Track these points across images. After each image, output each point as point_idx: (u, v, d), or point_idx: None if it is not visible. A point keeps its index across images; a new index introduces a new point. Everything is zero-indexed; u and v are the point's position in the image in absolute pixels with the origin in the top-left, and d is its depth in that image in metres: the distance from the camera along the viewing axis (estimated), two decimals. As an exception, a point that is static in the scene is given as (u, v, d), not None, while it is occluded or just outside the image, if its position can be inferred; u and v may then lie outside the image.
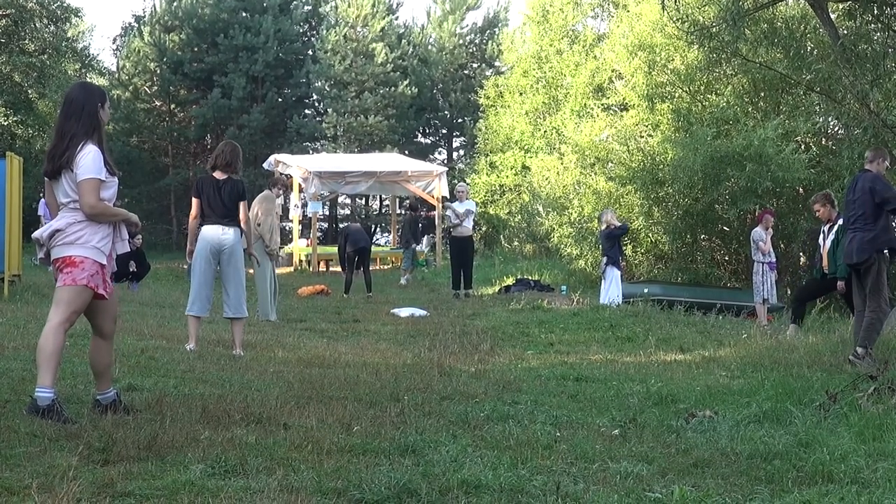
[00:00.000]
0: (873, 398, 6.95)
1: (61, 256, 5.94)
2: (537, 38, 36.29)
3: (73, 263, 5.90)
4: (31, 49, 40.15)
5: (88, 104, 6.10)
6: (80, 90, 6.26)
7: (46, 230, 6.01)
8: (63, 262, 5.93)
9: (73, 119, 6.02)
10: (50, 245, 6.00)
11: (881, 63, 18.63)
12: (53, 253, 5.99)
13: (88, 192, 5.89)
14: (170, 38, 44.33)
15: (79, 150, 5.92)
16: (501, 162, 36.26)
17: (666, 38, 24.96)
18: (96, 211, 5.94)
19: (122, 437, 5.28)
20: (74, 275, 5.89)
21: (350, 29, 43.39)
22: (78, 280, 5.89)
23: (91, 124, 6.06)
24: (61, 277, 5.92)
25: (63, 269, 5.92)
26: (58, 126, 6.10)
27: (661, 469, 5.26)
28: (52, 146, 6.08)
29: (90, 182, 5.90)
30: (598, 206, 23.18)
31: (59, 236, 5.96)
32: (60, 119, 6.10)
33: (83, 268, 5.91)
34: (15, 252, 15.86)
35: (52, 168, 5.99)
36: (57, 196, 6.07)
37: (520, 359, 10.71)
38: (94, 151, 5.97)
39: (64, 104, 6.16)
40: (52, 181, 6.06)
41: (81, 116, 6.04)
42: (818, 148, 24.40)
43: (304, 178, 27.77)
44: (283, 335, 11.80)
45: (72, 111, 6.06)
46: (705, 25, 20.96)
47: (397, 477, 4.72)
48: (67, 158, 5.92)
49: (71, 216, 5.97)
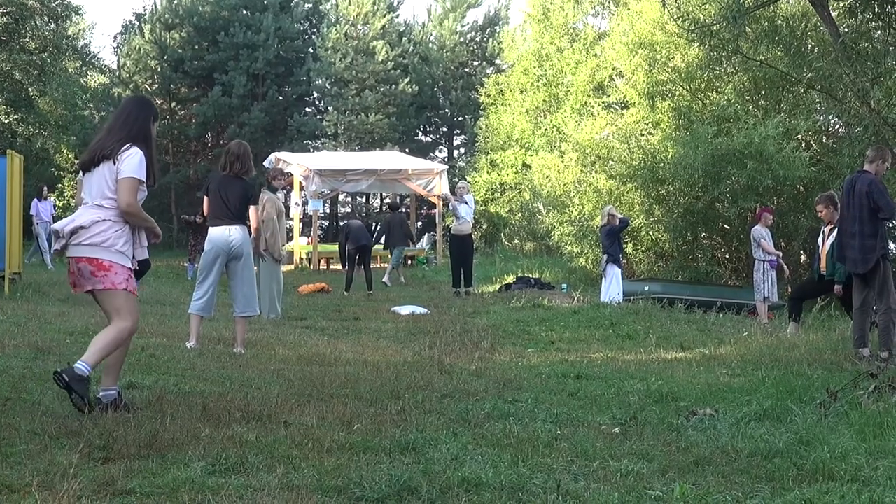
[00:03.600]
0: (874, 396, 6.96)
1: (87, 257, 6.02)
2: (538, 36, 36.27)
3: (103, 267, 6.02)
4: (32, 47, 40.14)
5: (141, 116, 6.29)
6: (134, 103, 6.50)
7: (68, 224, 6.05)
8: (90, 264, 6.02)
9: (124, 123, 6.21)
10: (70, 241, 6.04)
11: (882, 61, 18.60)
12: (74, 250, 6.06)
13: (128, 190, 6.01)
14: (170, 35, 44.33)
15: (125, 148, 6.06)
16: (502, 160, 36.25)
17: (666, 36, 24.92)
18: (132, 210, 6.06)
19: (122, 435, 5.29)
20: (111, 279, 6.03)
21: (351, 27, 43.38)
22: (117, 284, 6.04)
23: (140, 133, 6.21)
24: (97, 279, 6.03)
25: (94, 272, 6.02)
26: (108, 127, 6.30)
27: (661, 467, 5.26)
28: (96, 143, 6.22)
29: (132, 181, 6.02)
30: (599, 204, 23.14)
31: (82, 234, 6.02)
32: (112, 121, 6.33)
33: (115, 272, 6.04)
34: (15, 250, 15.87)
35: (90, 158, 6.11)
36: (88, 189, 6.14)
37: (520, 357, 10.71)
38: (141, 154, 6.11)
39: (118, 111, 6.40)
40: (88, 175, 6.16)
41: (134, 123, 6.22)
42: (819, 146, 24.39)
43: (305, 176, 27.78)
44: (283, 333, 11.80)
45: (123, 119, 6.25)
46: (706, 23, 20.93)
47: (398, 475, 4.72)
48: (110, 151, 6.05)
49: (95, 213, 6.05)
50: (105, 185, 6.05)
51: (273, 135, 44.11)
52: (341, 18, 43.62)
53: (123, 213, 6.05)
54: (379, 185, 31.93)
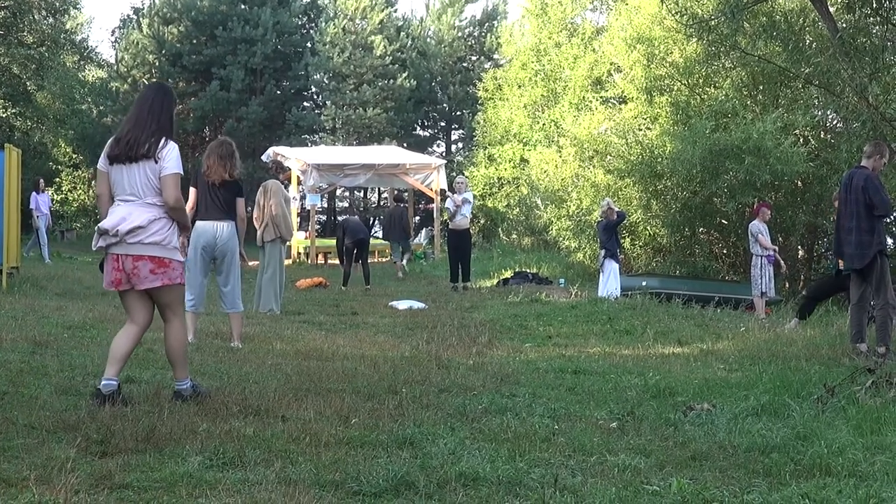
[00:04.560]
0: (871, 391, 6.97)
1: (150, 255, 6.18)
2: (536, 31, 36.24)
3: (164, 265, 6.22)
4: (30, 41, 40.11)
5: (166, 104, 6.36)
6: (157, 90, 6.55)
7: (121, 224, 6.12)
8: (151, 262, 6.19)
9: (151, 114, 6.26)
10: (126, 239, 6.14)
11: (880, 56, 18.60)
12: (133, 249, 6.17)
13: (174, 186, 6.19)
14: (168, 30, 44.25)
15: (162, 144, 6.17)
16: (500, 154, 36.23)
17: (665, 31, 24.92)
18: (179, 205, 6.26)
19: (120, 430, 5.29)
20: (170, 275, 6.26)
21: (349, 21, 43.34)
22: (174, 279, 6.30)
23: (168, 122, 6.31)
24: (157, 276, 6.21)
25: (154, 270, 6.21)
26: (135, 116, 6.31)
27: (658, 462, 5.27)
28: (125, 134, 6.26)
29: (176, 177, 6.20)
30: (597, 198, 23.13)
31: (140, 233, 6.15)
32: (137, 110, 6.34)
33: (174, 267, 6.28)
34: (13, 244, 15.86)
35: (128, 154, 6.17)
36: (125, 184, 6.20)
37: (518, 351, 10.71)
38: (176, 148, 6.27)
39: (141, 100, 6.41)
40: (119, 167, 6.21)
41: (161, 112, 6.29)
42: (817, 141, 24.39)
43: (303, 170, 27.74)
44: (281, 327, 11.80)
45: (148, 106, 6.30)
46: (704, 18, 20.93)
47: (395, 469, 4.73)
48: (149, 149, 6.13)
49: (150, 212, 6.19)
50: (150, 184, 6.18)
51: (271, 129, 44.07)
52: (339, 13, 43.58)
53: (170, 210, 6.21)
54: (377, 180, 31.87)
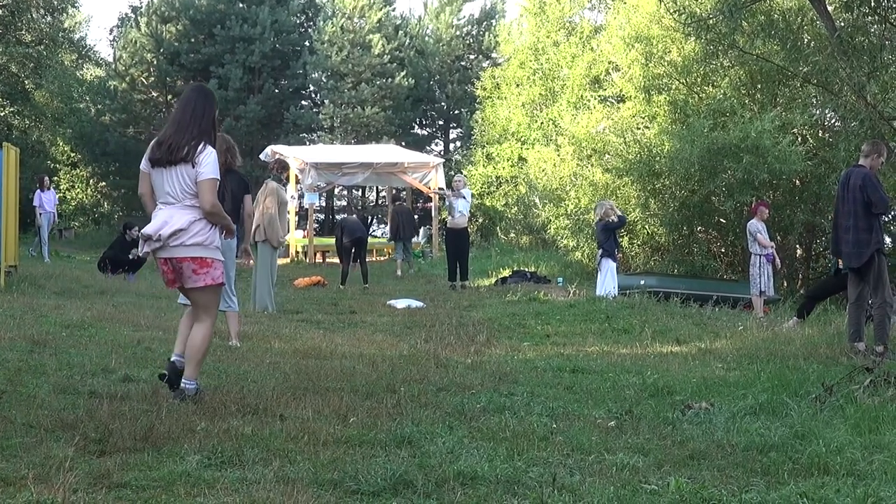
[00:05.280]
0: (869, 390, 6.97)
1: (192, 256, 6.28)
2: (534, 30, 36.20)
3: (207, 264, 6.34)
4: (28, 39, 40.08)
5: (207, 108, 6.44)
6: (198, 93, 6.58)
7: (163, 228, 6.21)
8: (194, 262, 6.28)
9: (193, 118, 6.34)
10: (169, 242, 6.23)
11: (878, 55, 18.61)
12: (176, 251, 6.27)
13: (210, 190, 6.25)
14: (166, 28, 44.18)
15: (200, 149, 6.23)
16: (498, 153, 36.21)
17: (663, 30, 24.91)
18: (215, 209, 6.33)
19: (118, 429, 5.29)
20: (212, 275, 6.37)
21: (347, 20, 43.28)
22: (216, 279, 6.40)
23: (209, 126, 6.39)
24: (199, 276, 6.31)
25: (197, 270, 6.33)
26: (175, 119, 6.41)
27: (657, 461, 5.27)
28: (167, 137, 6.33)
29: (212, 182, 6.27)
30: (595, 197, 23.12)
31: (181, 235, 6.24)
32: (178, 114, 6.43)
33: (215, 267, 6.39)
34: (11, 242, 15.85)
35: (169, 158, 6.24)
36: (165, 186, 6.29)
37: (516, 350, 10.72)
38: (214, 153, 6.34)
39: (183, 103, 6.49)
40: (160, 170, 6.30)
41: (203, 116, 6.38)
42: (815, 140, 24.40)
43: (301, 169, 27.73)
44: (279, 326, 11.80)
45: (190, 110, 6.39)
46: (702, 17, 20.93)
47: (393, 468, 4.73)
48: (188, 153, 6.21)
49: (190, 214, 6.28)
50: (188, 187, 6.27)
51: (269, 128, 44.01)
52: (337, 12, 43.50)
53: (207, 214, 6.30)
54: (375, 179, 31.84)
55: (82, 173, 47.21)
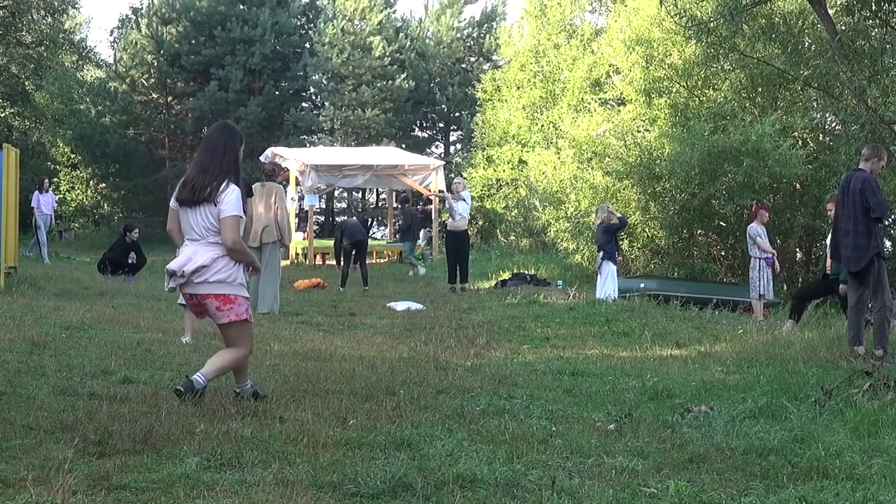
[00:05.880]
0: (869, 394, 6.97)
1: (215, 293, 6.43)
2: (535, 33, 36.21)
3: (230, 301, 6.47)
4: (29, 41, 40.12)
5: (229, 145, 6.58)
6: (222, 134, 6.71)
7: (187, 264, 6.37)
8: (216, 299, 6.46)
9: (215, 157, 6.52)
10: (193, 279, 6.39)
11: (879, 59, 18.59)
12: (200, 288, 6.43)
13: (232, 228, 6.40)
14: (167, 30, 44.20)
15: (223, 187, 6.42)
16: (498, 156, 36.20)
17: (664, 33, 24.91)
18: (237, 247, 6.46)
19: (117, 430, 5.29)
20: (236, 311, 6.50)
21: (347, 22, 43.30)
22: (241, 315, 6.51)
23: (232, 164, 6.55)
24: (223, 313, 6.48)
25: (220, 307, 6.47)
26: (199, 160, 6.58)
27: (656, 464, 5.27)
28: (191, 178, 6.50)
29: (234, 219, 6.40)
30: (595, 200, 23.13)
31: (204, 272, 6.39)
32: (201, 155, 6.62)
33: (239, 303, 6.52)
34: (11, 244, 15.85)
35: (193, 198, 6.41)
36: (191, 224, 6.47)
37: (516, 353, 10.72)
38: (237, 191, 6.48)
39: (207, 143, 6.65)
40: (186, 209, 6.47)
41: (224, 155, 6.50)
42: (815, 144, 24.40)
43: (301, 171, 27.72)
44: (279, 328, 11.80)
45: (212, 150, 6.53)
46: (703, 20, 20.91)
47: (393, 471, 4.73)
48: (210, 193, 6.35)
49: (213, 251, 6.43)
50: (210, 225, 6.42)
51: (269, 130, 44.01)
52: (338, 14, 43.52)
53: (229, 251, 6.44)
54: (375, 181, 31.87)
55: (82, 175, 47.21)
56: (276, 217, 13.80)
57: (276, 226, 13.80)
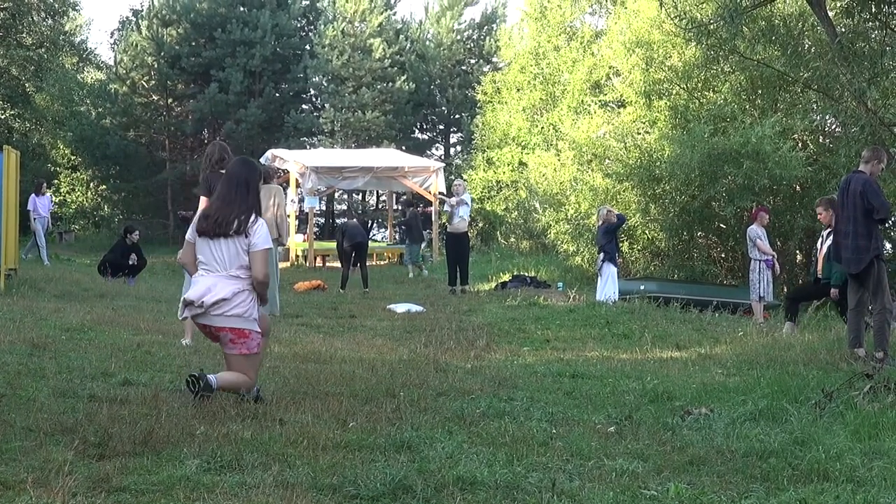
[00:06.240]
0: (869, 396, 6.96)
1: (231, 327, 6.53)
2: (535, 35, 36.21)
3: (244, 336, 6.59)
4: (29, 42, 40.13)
5: (252, 180, 6.80)
6: (243, 168, 6.90)
7: (207, 295, 6.47)
8: (232, 332, 6.57)
9: (239, 192, 6.70)
10: (211, 311, 6.48)
11: (879, 61, 18.61)
12: (218, 321, 6.54)
13: (264, 261, 6.60)
14: (167, 32, 44.21)
15: (252, 222, 6.60)
16: (498, 158, 36.20)
17: (664, 35, 24.92)
18: (266, 280, 6.67)
19: (117, 432, 5.29)
20: (248, 345, 6.62)
21: (348, 24, 43.31)
22: (252, 349, 6.63)
23: (256, 199, 6.77)
24: (235, 346, 6.60)
25: (234, 340, 6.58)
26: (222, 194, 6.75)
27: (656, 466, 5.27)
28: (213, 211, 6.66)
29: (266, 253, 6.65)
30: (595, 202, 23.15)
31: (224, 305, 6.51)
32: (224, 188, 6.78)
33: (252, 338, 6.64)
34: (11, 246, 15.85)
35: (216, 231, 6.55)
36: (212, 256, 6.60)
37: (516, 355, 10.71)
38: (265, 225, 6.71)
39: (230, 178, 6.84)
40: (206, 240, 6.61)
41: (248, 191, 6.69)
42: (815, 146, 24.41)
43: (301, 173, 27.73)
44: (279, 330, 11.78)
45: (236, 184, 6.74)
46: (703, 22, 20.93)
47: (393, 473, 4.73)
48: (239, 226, 6.57)
49: (235, 285, 6.55)
50: (236, 257, 6.58)
51: (269, 131, 44.01)
52: (338, 16, 43.53)
53: (258, 284, 6.60)
54: (375, 183, 31.89)
55: (83, 176, 47.23)
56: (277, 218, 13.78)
57: (275, 226, 13.78)
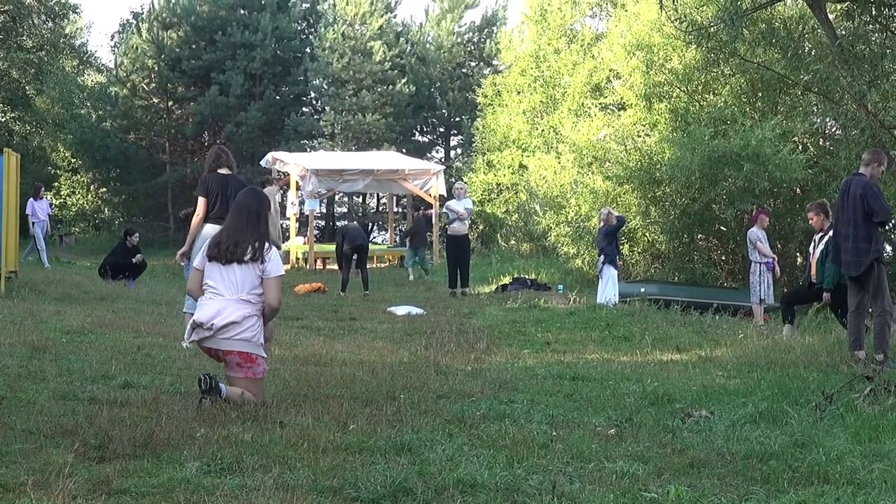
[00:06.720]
0: (869, 399, 6.96)
1: (239, 351, 6.64)
2: (535, 37, 36.23)
3: (251, 360, 6.67)
4: (29, 45, 40.14)
5: (262, 212, 7.00)
6: (253, 198, 7.13)
7: (217, 318, 6.55)
8: (239, 356, 6.65)
9: (250, 221, 6.90)
10: (219, 334, 6.56)
11: (879, 64, 18.63)
12: (226, 344, 6.61)
13: (278, 288, 6.81)
14: (168, 35, 44.26)
15: (267, 248, 6.80)
16: (499, 160, 36.21)
17: (664, 38, 24.93)
18: (279, 306, 6.90)
19: (118, 435, 5.28)
20: (254, 370, 6.69)
21: (348, 27, 43.35)
22: (257, 374, 6.70)
23: (266, 228, 6.96)
24: (241, 370, 6.66)
25: (241, 363, 6.65)
26: (234, 225, 6.93)
27: (657, 469, 5.26)
28: (227, 240, 6.79)
29: (280, 279, 6.85)
30: (596, 205, 23.16)
31: (233, 329, 6.59)
32: (235, 217, 6.98)
33: (258, 363, 6.71)
34: (12, 248, 15.84)
35: (228, 258, 6.70)
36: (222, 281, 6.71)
37: (516, 358, 10.70)
38: (278, 253, 6.92)
39: (240, 207, 7.03)
40: (216, 265, 6.74)
41: (259, 221, 6.92)
42: (815, 148, 24.41)
43: (302, 175, 27.74)
44: (279, 333, 11.76)
45: (248, 217, 6.92)
46: (703, 25, 20.96)
47: (393, 475, 4.72)
48: (255, 253, 6.73)
49: (245, 309, 6.65)
50: (248, 282, 6.71)
51: (270, 134, 44.05)
52: (339, 18, 43.56)
53: (272, 310, 6.79)
54: (376, 186, 31.91)
55: (83, 179, 47.26)
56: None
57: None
